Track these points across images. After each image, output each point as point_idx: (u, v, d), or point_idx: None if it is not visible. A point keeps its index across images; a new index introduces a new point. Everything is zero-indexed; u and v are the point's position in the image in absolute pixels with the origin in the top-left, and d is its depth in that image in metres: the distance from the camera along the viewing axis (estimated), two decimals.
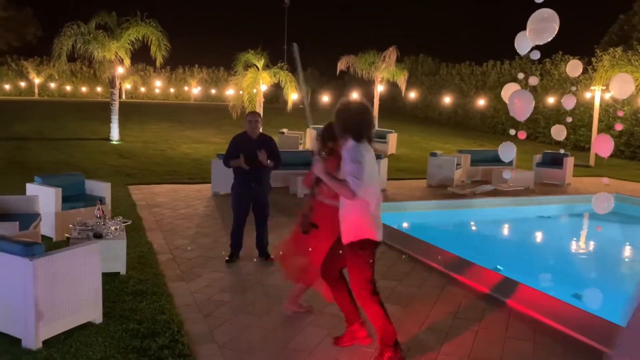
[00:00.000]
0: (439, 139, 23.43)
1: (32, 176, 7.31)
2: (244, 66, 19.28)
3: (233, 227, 6.21)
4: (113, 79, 18.00)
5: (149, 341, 4.03)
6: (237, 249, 6.23)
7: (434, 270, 6.07)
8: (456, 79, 31.81)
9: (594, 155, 17.69)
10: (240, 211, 6.15)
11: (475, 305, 5.07)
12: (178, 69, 45.52)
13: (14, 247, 3.94)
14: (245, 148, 5.95)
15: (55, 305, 3.99)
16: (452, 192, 11.13)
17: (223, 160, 6.21)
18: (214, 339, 4.21)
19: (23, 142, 16.60)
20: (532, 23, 5.46)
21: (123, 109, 20.04)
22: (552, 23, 5.34)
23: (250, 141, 6.03)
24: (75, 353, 3.84)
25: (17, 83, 41.39)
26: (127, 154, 15.33)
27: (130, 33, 17.23)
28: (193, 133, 21.28)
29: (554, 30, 5.36)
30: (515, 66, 26.34)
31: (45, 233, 6.50)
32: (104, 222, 5.61)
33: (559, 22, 5.30)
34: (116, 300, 4.81)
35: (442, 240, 6.90)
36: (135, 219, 7.73)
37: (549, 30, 5.37)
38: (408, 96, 29.14)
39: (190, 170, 13.13)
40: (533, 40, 5.58)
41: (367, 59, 21.96)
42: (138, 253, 6.22)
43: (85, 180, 7.48)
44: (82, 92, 41.99)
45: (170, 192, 10.34)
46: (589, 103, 20.09)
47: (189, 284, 5.41)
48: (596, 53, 21.90)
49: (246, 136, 6.11)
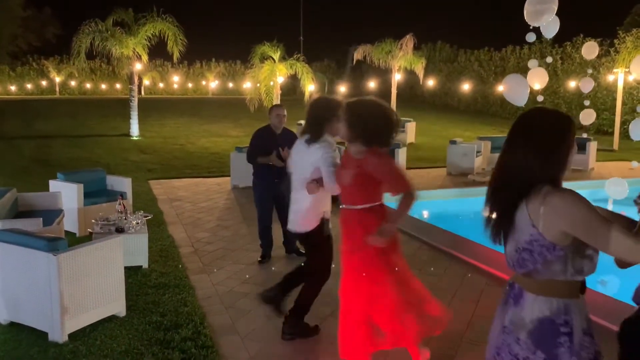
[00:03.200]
0: (459, 126, 23.19)
1: (54, 173, 7.42)
2: (260, 58, 19.25)
3: (260, 227, 5.98)
4: (131, 75, 18.16)
5: (172, 333, 4.08)
6: (269, 247, 6.01)
7: (454, 259, 6.02)
8: (475, 65, 31.38)
9: (617, 139, 17.36)
10: (265, 209, 5.92)
11: (497, 293, 5.00)
12: (195, 63, 45.68)
13: (38, 242, 4.00)
14: (269, 143, 5.69)
15: (80, 299, 4.06)
16: (473, 179, 11.02)
17: (247, 156, 5.92)
18: (236, 330, 4.24)
19: (46, 140, 16.86)
20: (530, 4, 5.35)
21: (142, 105, 20.21)
22: (551, 4, 5.22)
23: (274, 136, 5.78)
24: (100, 345, 3.90)
25: (38, 82, 41.97)
26: (148, 150, 15.48)
27: (147, 29, 17.33)
28: (212, 127, 21.38)
29: (552, 10, 5.24)
30: (534, 50, 25.88)
31: (68, 229, 6.60)
32: (125, 217, 5.67)
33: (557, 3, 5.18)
34: (139, 293, 4.87)
35: (464, 229, 6.84)
36: (157, 213, 7.82)
37: (547, 12, 5.25)
38: (426, 84, 28.82)
39: (209, 164, 13.20)
40: (531, 21, 5.47)
41: (383, 47, 21.77)
42: (160, 246, 6.29)
43: (107, 176, 7.58)
44: (102, 89, 42.41)
45: (191, 186, 10.42)
46: (612, 86, 19.67)
47: (210, 276, 5.46)
48: (618, 34, 21.39)
49: (270, 130, 5.83)
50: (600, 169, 12.76)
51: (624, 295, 4.37)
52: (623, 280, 6.07)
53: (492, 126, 23.65)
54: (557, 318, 1.89)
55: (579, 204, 1.84)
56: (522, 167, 1.93)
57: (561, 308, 1.89)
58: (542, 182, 1.91)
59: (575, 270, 1.88)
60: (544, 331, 1.90)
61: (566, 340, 1.87)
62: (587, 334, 1.89)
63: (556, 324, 1.88)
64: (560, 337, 1.88)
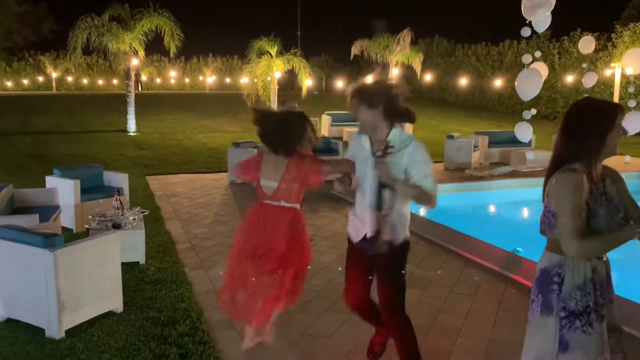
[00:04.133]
0: (456, 121, 23.19)
1: (51, 169, 7.40)
2: (258, 53, 19.21)
3: None
4: (128, 70, 18.10)
5: (169, 329, 4.08)
6: None
7: (452, 253, 6.02)
8: (472, 59, 31.36)
9: None
10: None
11: (494, 288, 5.03)
12: (192, 58, 45.53)
13: (35, 239, 3.99)
14: None
15: (77, 295, 4.05)
16: (470, 174, 11.03)
17: None
18: (233, 325, 4.23)
19: (42, 136, 16.81)
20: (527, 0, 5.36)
21: (139, 101, 20.16)
22: None
23: None
24: (98, 342, 3.90)
25: (35, 78, 41.81)
26: (145, 145, 15.44)
27: (143, 24, 17.27)
28: (209, 122, 21.34)
29: (550, 5, 5.25)
30: (532, 45, 25.86)
31: (65, 224, 6.59)
32: (122, 213, 5.66)
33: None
34: (136, 289, 4.87)
35: (461, 223, 6.84)
36: (154, 209, 7.80)
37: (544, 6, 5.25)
38: (424, 79, 28.85)
39: (207, 159, 13.19)
40: (528, 16, 5.48)
41: (381, 42, 21.74)
42: (157, 242, 6.28)
43: (103, 172, 7.55)
44: (99, 84, 42.27)
45: (188, 181, 10.41)
46: (609, 80, 19.68)
47: (207, 271, 5.45)
48: (616, 29, 21.39)
49: None
50: None
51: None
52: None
53: (489, 121, 23.66)
54: (552, 269, 2.35)
55: (565, 189, 2.26)
56: (559, 148, 2.37)
57: (556, 262, 2.33)
58: (573, 161, 2.30)
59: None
60: (543, 279, 2.38)
61: (556, 289, 2.32)
62: (579, 288, 2.27)
63: (550, 274, 2.35)
64: (553, 285, 2.33)
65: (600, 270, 2.31)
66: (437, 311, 4.50)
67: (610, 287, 2.37)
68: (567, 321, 2.27)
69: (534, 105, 7.95)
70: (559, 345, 2.27)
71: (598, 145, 2.27)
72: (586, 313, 2.25)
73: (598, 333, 2.25)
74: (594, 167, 2.31)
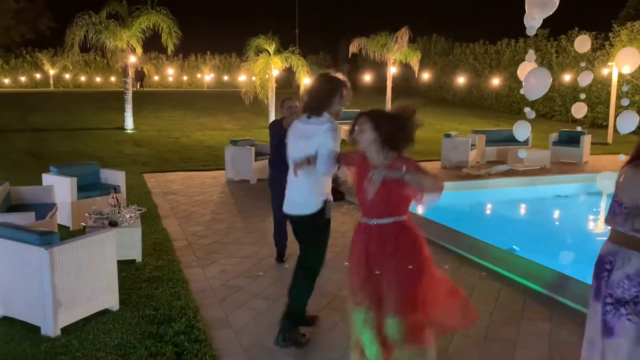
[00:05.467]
0: (454, 119, 23.19)
1: (48, 166, 7.38)
2: (256, 51, 19.18)
3: (275, 228, 5.64)
4: (126, 68, 18.06)
5: (165, 327, 4.08)
6: (283, 249, 5.72)
7: (449, 252, 6.03)
8: (470, 58, 31.35)
9: (612, 132, 17.40)
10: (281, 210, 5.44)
11: (490, 286, 5.04)
12: (190, 56, 45.43)
13: (31, 236, 3.98)
14: (282, 137, 5.25)
15: (73, 293, 4.05)
16: (467, 173, 11.04)
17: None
18: (229, 323, 4.24)
19: (39, 133, 16.78)
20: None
21: (137, 98, 20.12)
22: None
23: (285, 130, 5.38)
24: (93, 340, 3.89)
25: (32, 75, 41.68)
26: (142, 143, 15.42)
27: (141, 21, 17.23)
28: (207, 120, 21.31)
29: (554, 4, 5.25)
30: (530, 44, 25.87)
31: (61, 222, 6.58)
32: (119, 211, 5.65)
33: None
34: (132, 287, 4.86)
35: (458, 222, 6.85)
36: (151, 207, 7.80)
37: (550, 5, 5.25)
38: (421, 77, 28.83)
39: (204, 157, 13.17)
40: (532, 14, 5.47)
41: (379, 40, 21.73)
42: (153, 240, 6.27)
43: (100, 169, 7.54)
44: (97, 82, 42.15)
45: (185, 179, 10.40)
46: (607, 80, 19.70)
47: (204, 269, 5.45)
48: (613, 28, 21.41)
49: (281, 124, 5.52)
50: (594, 162, 12.79)
51: None
52: None
53: (486, 119, 23.67)
54: (605, 257, 2.45)
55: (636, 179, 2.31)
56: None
57: (610, 250, 2.42)
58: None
59: (633, 228, 2.34)
60: (597, 266, 2.48)
61: (605, 276, 2.41)
62: (628, 278, 2.34)
63: (603, 261, 2.45)
64: (604, 272, 2.43)
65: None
66: None
67: None
68: (612, 307, 2.37)
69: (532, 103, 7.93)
70: (603, 330, 2.38)
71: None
72: (633, 302, 2.32)
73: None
74: None
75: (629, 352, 2.32)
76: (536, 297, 4.79)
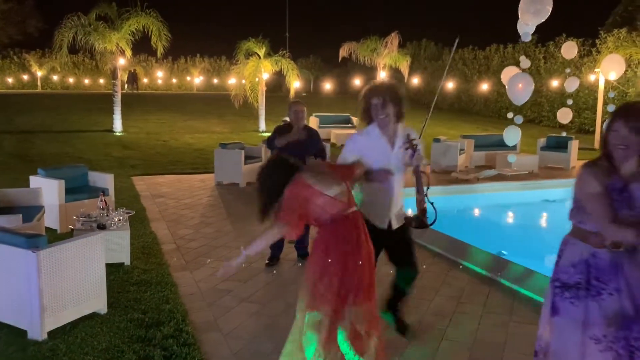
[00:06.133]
0: (443, 124, 23.30)
1: (35, 169, 7.32)
2: (246, 55, 19.19)
3: None
4: (115, 70, 17.97)
5: (153, 330, 4.05)
6: (279, 250, 5.76)
7: (437, 256, 6.06)
8: (459, 63, 31.55)
9: (598, 138, 17.58)
10: None
11: (479, 290, 5.07)
12: (180, 59, 45.32)
13: (18, 239, 3.95)
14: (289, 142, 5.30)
15: (60, 296, 4.01)
16: (456, 177, 11.10)
17: (267, 143, 5.62)
18: (218, 327, 4.22)
19: (27, 135, 16.62)
20: (525, 4, 5.42)
21: (126, 100, 20.03)
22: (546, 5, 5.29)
23: None
24: (81, 343, 3.86)
25: (19, 76, 41.35)
26: (131, 145, 15.34)
27: (130, 24, 17.15)
28: (196, 123, 21.25)
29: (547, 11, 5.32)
30: (518, 50, 26.10)
31: (49, 225, 6.52)
32: (107, 213, 5.62)
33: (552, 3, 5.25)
34: (121, 290, 4.83)
35: (446, 226, 6.87)
36: (139, 210, 7.75)
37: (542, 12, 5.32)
38: (411, 82, 28.96)
39: (193, 160, 13.13)
40: (526, 21, 5.54)
41: (369, 45, 21.81)
42: (142, 243, 6.24)
43: (89, 172, 7.49)
44: (85, 84, 41.92)
45: (174, 182, 10.35)
46: (594, 86, 19.92)
47: (193, 273, 5.43)
48: (600, 35, 21.66)
49: (289, 128, 5.49)
50: None
51: None
52: None
53: (475, 124, 23.83)
54: (561, 246, 2.73)
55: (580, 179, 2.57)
56: None
57: (564, 240, 2.72)
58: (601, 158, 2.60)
59: (578, 220, 2.62)
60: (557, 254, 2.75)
61: (556, 261, 2.71)
62: (573, 265, 2.61)
63: (559, 250, 2.73)
64: (557, 258, 2.72)
65: (602, 257, 2.54)
66: (423, 313, 4.52)
67: (617, 276, 2.52)
68: (559, 290, 2.64)
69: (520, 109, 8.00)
70: (552, 309, 2.66)
71: (605, 146, 2.57)
72: (575, 288, 2.58)
73: (587, 308, 2.53)
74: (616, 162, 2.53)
75: (570, 330, 2.57)
76: (524, 300, 4.82)
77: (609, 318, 2.50)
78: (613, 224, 2.43)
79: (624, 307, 2.50)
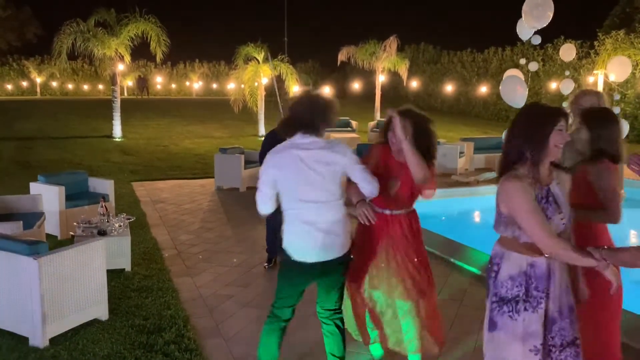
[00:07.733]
0: (442, 127, 23.31)
1: (35, 175, 7.32)
2: (244, 59, 19.22)
3: (268, 231, 5.69)
4: (114, 76, 17.99)
5: (155, 336, 4.05)
6: (275, 253, 5.67)
7: (439, 259, 6.05)
8: (458, 66, 31.61)
9: None
10: (276, 213, 5.42)
11: (480, 293, 5.05)
12: (179, 64, 45.36)
13: (19, 246, 3.95)
14: None
15: (61, 303, 4.01)
16: (456, 180, 11.11)
17: (260, 157, 5.15)
18: (220, 332, 4.22)
19: (26, 142, 16.63)
20: (528, 6, 5.44)
21: (125, 106, 20.04)
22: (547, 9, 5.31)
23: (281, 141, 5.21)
24: (82, 350, 3.86)
25: (18, 83, 41.37)
26: (130, 151, 15.34)
27: (129, 29, 17.18)
28: (195, 128, 21.27)
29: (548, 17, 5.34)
30: (517, 52, 26.15)
31: (49, 232, 6.52)
32: (107, 219, 5.62)
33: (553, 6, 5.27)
34: (122, 296, 4.83)
35: (447, 229, 6.89)
36: (140, 216, 7.75)
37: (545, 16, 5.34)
38: (410, 85, 29.01)
39: (193, 165, 13.13)
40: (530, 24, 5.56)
41: (367, 49, 21.86)
42: (143, 249, 6.24)
43: (89, 178, 7.49)
44: (84, 90, 41.95)
45: (174, 187, 10.36)
46: (592, 87, 19.94)
47: (194, 278, 5.43)
48: (598, 36, 21.70)
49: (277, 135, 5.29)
50: None
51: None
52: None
53: (474, 127, 23.85)
54: (493, 258, 2.66)
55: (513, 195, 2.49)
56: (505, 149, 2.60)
57: (497, 253, 2.65)
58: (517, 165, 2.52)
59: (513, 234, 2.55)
60: (488, 266, 2.71)
61: (492, 276, 2.62)
62: (511, 278, 2.52)
63: (492, 262, 2.67)
64: (492, 272, 2.63)
65: (540, 265, 2.49)
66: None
67: (551, 282, 2.50)
68: (497, 305, 2.56)
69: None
70: (489, 324, 2.60)
71: (541, 147, 2.43)
72: (514, 301, 2.51)
73: (525, 321, 2.48)
74: (539, 170, 2.46)
75: (509, 344, 2.51)
76: None
77: (544, 325, 2.49)
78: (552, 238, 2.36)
79: (550, 310, 2.50)
